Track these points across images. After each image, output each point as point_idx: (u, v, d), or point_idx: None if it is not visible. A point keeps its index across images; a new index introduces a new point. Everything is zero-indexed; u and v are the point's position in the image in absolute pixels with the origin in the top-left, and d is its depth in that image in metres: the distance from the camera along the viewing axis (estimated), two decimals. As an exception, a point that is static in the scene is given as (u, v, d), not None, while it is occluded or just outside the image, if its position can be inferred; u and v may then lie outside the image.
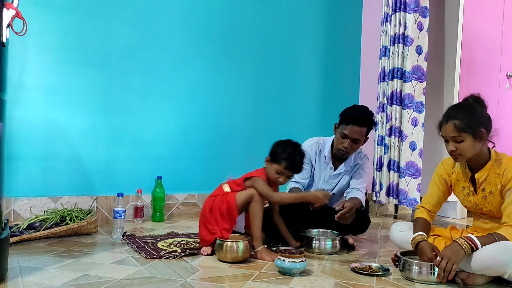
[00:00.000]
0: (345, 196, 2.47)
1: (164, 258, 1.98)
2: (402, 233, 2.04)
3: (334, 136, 2.46)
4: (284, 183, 2.21)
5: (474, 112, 1.77)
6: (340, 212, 2.14)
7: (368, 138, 2.40)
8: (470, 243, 1.65)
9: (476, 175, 1.85)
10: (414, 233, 1.88)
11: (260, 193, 2.06)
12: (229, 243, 1.96)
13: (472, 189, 1.89)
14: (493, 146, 1.86)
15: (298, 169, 2.17)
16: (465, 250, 1.65)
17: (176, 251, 2.08)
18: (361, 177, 2.47)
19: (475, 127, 1.74)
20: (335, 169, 2.48)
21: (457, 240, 1.68)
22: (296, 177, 2.43)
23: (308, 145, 2.50)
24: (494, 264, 1.62)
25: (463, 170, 1.91)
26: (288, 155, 2.11)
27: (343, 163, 2.48)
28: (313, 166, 2.51)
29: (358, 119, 2.30)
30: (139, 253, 2.07)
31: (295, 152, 2.14)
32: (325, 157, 2.48)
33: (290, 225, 2.32)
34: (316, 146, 2.50)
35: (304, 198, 2.16)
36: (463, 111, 1.77)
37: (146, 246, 2.18)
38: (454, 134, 1.76)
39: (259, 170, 2.20)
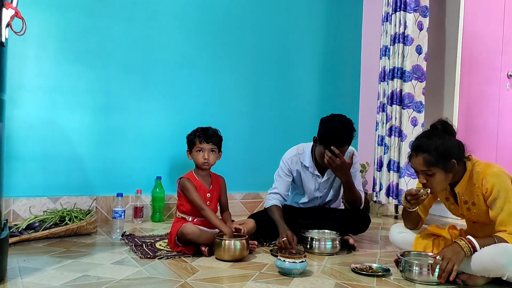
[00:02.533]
0: (343, 202, 2.45)
1: (158, 259, 1.98)
2: (402, 235, 2.04)
3: (312, 143, 2.40)
4: (211, 161, 2.21)
5: (443, 143, 1.72)
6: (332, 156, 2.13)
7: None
8: (470, 245, 1.65)
9: (456, 189, 1.83)
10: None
11: (193, 203, 2.14)
12: (227, 241, 1.97)
13: (453, 201, 1.89)
14: (467, 159, 1.81)
15: (211, 135, 2.23)
16: (466, 251, 1.64)
17: (172, 251, 2.09)
18: (354, 177, 2.42)
19: (445, 160, 1.71)
20: (322, 176, 2.45)
21: (458, 241, 1.68)
22: (279, 188, 2.41)
23: (288, 158, 2.45)
24: (493, 266, 1.61)
25: None
26: (197, 131, 2.26)
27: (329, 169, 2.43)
28: (293, 178, 2.46)
29: (341, 140, 2.20)
30: (135, 252, 2.07)
31: (204, 127, 2.26)
32: (308, 167, 2.43)
33: (290, 226, 2.31)
34: (297, 158, 2.44)
35: (220, 230, 2.07)
36: (432, 143, 1.72)
37: (143, 246, 2.18)
38: (424, 168, 1.73)
39: (188, 174, 2.24)
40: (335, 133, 2.21)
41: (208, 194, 2.24)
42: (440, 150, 1.71)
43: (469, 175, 1.79)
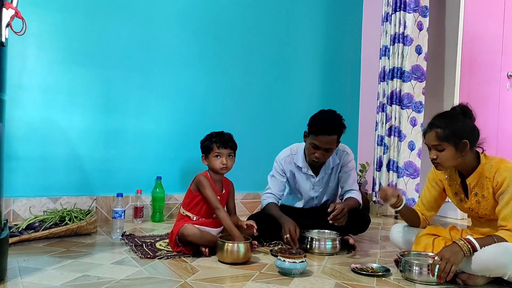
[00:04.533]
0: (341, 200, 2.45)
1: (158, 258, 1.98)
2: (402, 234, 2.05)
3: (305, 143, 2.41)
4: (229, 165, 2.20)
5: (457, 122, 1.77)
6: (332, 214, 2.12)
7: (339, 141, 2.34)
8: (469, 245, 1.65)
9: (467, 180, 1.84)
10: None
11: (209, 201, 2.13)
12: (230, 244, 1.95)
13: (463, 196, 1.88)
14: (482, 151, 1.84)
15: (228, 140, 2.21)
16: (465, 252, 1.64)
17: (171, 251, 2.10)
18: (349, 176, 2.43)
19: (457, 138, 1.74)
20: (316, 176, 2.45)
21: (457, 242, 1.68)
22: (272, 188, 2.42)
23: (282, 158, 2.46)
24: (494, 266, 1.62)
25: (453, 176, 1.90)
26: (212, 136, 2.22)
27: (323, 168, 2.44)
28: (288, 179, 2.47)
29: (326, 129, 2.21)
30: (135, 252, 2.07)
31: (218, 132, 2.24)
32: (301, 168, 2.44)
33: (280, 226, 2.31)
34: (290, 158, 2.45)
35: (231, 233, 2.05)
36: (446, 121, 1.77)
37: (143, 246, 2.18)
38: (435, 142, 1.77)
39: (203, 173, 2.23)
40: (322, 121, 2.24)
41: (218, 198, 2.21)
42: (453, 127, 1.75)
43: (482, 168, 1.80)
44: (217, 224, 2.20)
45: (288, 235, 2.15)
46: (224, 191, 2.26)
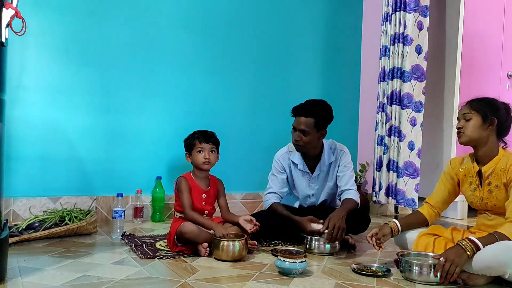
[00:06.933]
0: (339, 199, 2.45)
1: (158, 258, 1.98)
2: (403, 234, 2.04)
3: None
4: (212, 160, 2.26)
5: (494, 103, 1.87)
6: (327, 233, 2.12)
7: (325, 132, 2.36)
8: (473, 244, 1.66)
9: (483, 169, 1.89)
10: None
11: (181, 202, 2.19)
12: (225, 242, 1.97)
13: (478, 182, 1.92)
14: (505, 146, 1.91)
15: (210, 136, 2.28)
16: (469, 253, 1.65)
17: (171, 251, 2.10)
18: (346, 175, 2.41)
19: (488, 112, 1.83)
20: (311, 173, 2.45)
21: (460, 243, 1.68)
22: (274, 187, 2.42)
23: (280, 156, 2.48)
24: (495, 264, 1.62)
25: (470, 164, 1.94)
26: (195, 133, 2.30)
27: (318, 165, 2.44)
28: (287, 175, 2.47)
29: (301, 110, 2.31)
30: (135, 252, 2.07)
31: (201, 130, 2.32)
32: (297, 164, 2.44)
33: (290, 226, 2.31)
34: (287, 155, 2.47)
35: (208, 226, 2.11)
36: (485, 99, 1.88)
37: (143, 246, 2.18)
38: (466, 111, 1.87)
39: (186, 174, 2.28)
40: (300, 104, 2.36)
41: (203, 195, 2.25)
42: (488, 103, 1.87)
43: (499, 159, 1.86)
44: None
45: (314, 224, 2.21)
46: (210, 188, 2.29)
